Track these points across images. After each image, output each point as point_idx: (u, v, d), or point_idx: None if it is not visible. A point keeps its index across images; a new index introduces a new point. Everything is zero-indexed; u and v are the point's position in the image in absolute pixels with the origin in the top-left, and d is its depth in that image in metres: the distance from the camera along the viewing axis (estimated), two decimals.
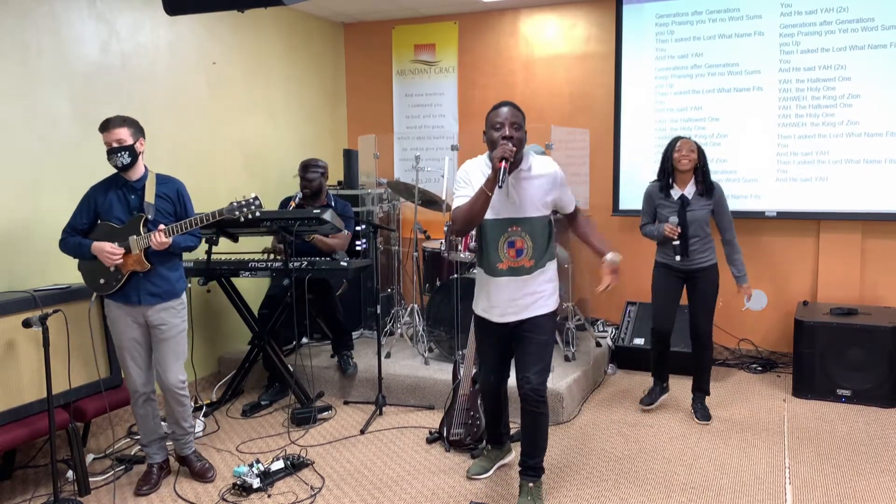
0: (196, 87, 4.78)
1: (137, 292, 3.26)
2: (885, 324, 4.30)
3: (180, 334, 3.37)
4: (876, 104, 4.75)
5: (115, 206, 3.28)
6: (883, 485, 3.30)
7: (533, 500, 3.11)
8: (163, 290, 3.30)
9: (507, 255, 3.01)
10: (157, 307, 3.29)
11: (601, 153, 5.50)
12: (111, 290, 3.27)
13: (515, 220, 2.99)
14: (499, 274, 3.03)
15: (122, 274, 3.24)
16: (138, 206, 3.29)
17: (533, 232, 3.01)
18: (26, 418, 3.24)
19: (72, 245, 3.28)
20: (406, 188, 5.09)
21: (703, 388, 4.19)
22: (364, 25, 6.29)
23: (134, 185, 3.31)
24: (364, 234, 4.86)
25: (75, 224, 3.31)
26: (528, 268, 3.02)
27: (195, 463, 3.53)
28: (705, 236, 4.01)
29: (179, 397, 3.39)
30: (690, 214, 3.96)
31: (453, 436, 3.75)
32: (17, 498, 3.33)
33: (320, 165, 4.56)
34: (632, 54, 5.35)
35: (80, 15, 3.97)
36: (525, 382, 3.02)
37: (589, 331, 5.27)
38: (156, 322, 3.30)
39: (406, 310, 5.24)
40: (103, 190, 3.32)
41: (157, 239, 3.16)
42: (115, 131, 3.17)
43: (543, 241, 3.06)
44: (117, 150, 3.19)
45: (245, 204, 3.32)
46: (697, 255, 4.01)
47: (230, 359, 4.96)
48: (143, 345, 3.35)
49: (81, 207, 3.31)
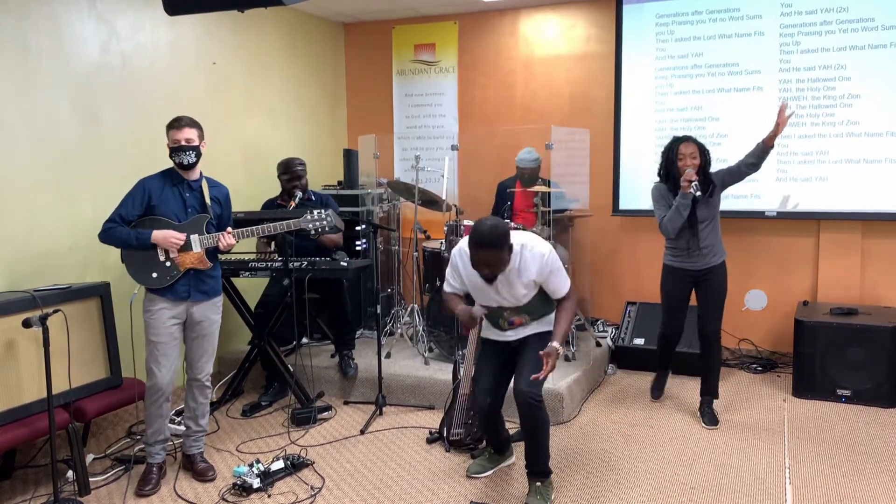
0: (196, 87, 4.78)
1: (188, 289, 3.35)
2: (885, 324, 4.30)
3: (218, 329, 3.52)
4: (876, 104, 4.75)
5: (171, 202, 3.34)
6: (883, 485, 3.30)
7: (542, 498, 3.12)
8: (210, 287, 3.43)
9: (507, 327, 3.25)
10: (204, 304, 3.41)
11: (601, 153, 5.50)
12: (164, 284, 3.30)
13: (508, 308, 3.19)
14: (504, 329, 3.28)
15: (179, 270, 3.31)
16: (197, 206, 3.39)
17: (530, 309, 3.18)
18: (26, 418, 3.24)
19: (122, 236, 3.26)
20: (406, 188, 5.08)
21: (711, 391, 4.14)
22: (364, 25, 6.29)
23: (191, 184, 3.39)
24: (364, 234, 4.86)
25: (126, 214, 3.29)
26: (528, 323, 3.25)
27: (199, 463, 3.54)
28: (715, 232, 3.97)
29: (205, 390, 3.54)
30: (700, 211, 3.91)
31: (453, 436, 3.75)
32: (17, 498, 3.33)
33: (303, 163, 4.58)
34: (632, 54, 5.35)
35: (80, 15, 3.97)
36: (519, 387, 3.07)
37: (589, 331, 5.27)
38: (199, 318, 3.41)
39: (406, 310, 5.24)
40: (159, 184, 3.36)
41: (226, 241, 3.32)
42: (186, 130, 3.28)
43: (540, 308, 3.21)
44: (186, 149, 3.28)
45: (318, 219, 3.54)
46: (708, 252, 3.96)
47: (230, 359, 4.96)
48: (178, 341, 3.41)
49: (134, 198, 3.31)
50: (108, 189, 4.01)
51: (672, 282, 4.10)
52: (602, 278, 5.65)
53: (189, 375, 3.50)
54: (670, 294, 4.13)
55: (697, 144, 3.90)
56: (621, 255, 5.65)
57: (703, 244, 3.94)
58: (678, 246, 4.01)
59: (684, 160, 3.85)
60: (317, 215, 3.56)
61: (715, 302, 4.04)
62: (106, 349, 3.65)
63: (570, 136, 5.32)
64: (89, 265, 4.04)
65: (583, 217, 5.42)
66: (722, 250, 4.03)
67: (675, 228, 3.92)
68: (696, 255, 3.97)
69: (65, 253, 3.91)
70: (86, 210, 3.99)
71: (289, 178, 4.52)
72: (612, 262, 5.66)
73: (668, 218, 3.91)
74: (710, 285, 4.02)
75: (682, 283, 4.07)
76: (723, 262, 4.03)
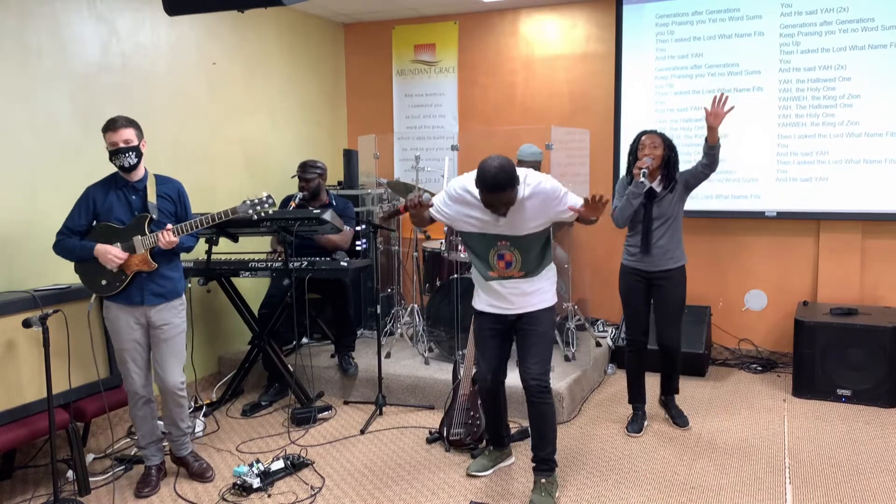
0: (196, 87, 4.78)
1: (141, 293, 3.25)
2: (885, 324, 4.30)
3: (181, 334, 3.38)
4: (876, 104, 4.75)
5: (116, 207, 3.26)
6: (883, 485, 3.30)
7: (547, 495, 3.12)
8: (166, 289, 3.30)
9: (497, 266, 3.09)
10: (160, 307, 3.29)
11: (601, 153, 5.49)
12: (114, 291, 3.24)
13: (505, 237, 3.03)
14: (489, 279, 3.14)
15: (127, 275, 3.23)
16: (140, 207, 3.28)
17: (523, 247, 3.04)
18: (26, 418, 3.24)
19: (69, 247, 3.22)
20: (406, 188, 5.08)
21: (671, 391, 4.08)
22: (364, 25, 6.29)
23: (135, 185, 3.29)
24: (364, 234, 4.87)
25: (73, 225, 3.25)
26: (518, 277, 3.09)
27: (193, 463, 3.53)
28: (674, 235, 3.79)
29: (178, 399, 3.39)
30: (657, 209, 3.75)
31: (453, 436, 3.75)
32: (17, 498, 3.33)
33: (318, 166, 4.59)
34: (632, 54, 5.35)
35: (80, 15, 3.97)
36: (527, 373, 3.08)
37: (589, 331, 5.27)
38: (158, 322, 3.30)
39: (406, 310, 5.24)
40: (102, 190, 3.28)
41: (165, 238, 3.17)
42: (122, 131, 3.16)
43: (535, 255, 3.08)
44: (125, 150, 3.17)
45: (258, 202, 3.35)
46: (664, 255, 3.78)
47: (230, 359, 4.96)
48: (143, 346, 3.34)
49: (80, 208, 3.26)
50: None
51: (626, 283, 3.93)
52: (602, 278, 5.64)
53: (158, 385, 3.39)
54: (625, 296, 3.95)
55: (662, 138, 3.76)
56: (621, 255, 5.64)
57: (657, 244, 3.77)
58: (632, 243, 3.87)
59: (643, 150, 3.72)
60: (256, 200, 3.35)
61: (670, 309, 3.85)
62: (106, 349, 3.65)
63: (570, 136, 5.31)
64: None
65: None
66: (681, 255, 3.84)
67: (624, 218, 3.78)
68: (648, 256, 3.80)
69: None
70: None
71: (300, 178, 4.56)
72: (613, 262, 5.61)
73: (620, 207, 3.79)
74: (664, 291, 3.83)
75: (637, 284, 3.88)
76: (681, 266, 3.83)
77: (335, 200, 4.66)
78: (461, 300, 4.47)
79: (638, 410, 4.06)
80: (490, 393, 3.34)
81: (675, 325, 3.91)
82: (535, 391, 3.07)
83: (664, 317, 3.90)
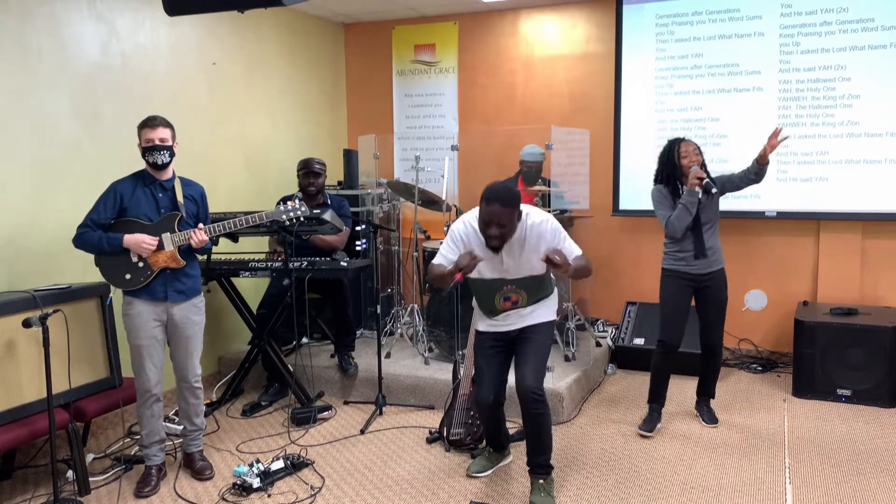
0: (196, 87, 4.78)
1: (165, 289, 3.32)
2: (885, 324, 4.30)
3: (201, 330, 3.48)
4: (876, 104, 4.75)
5: (143, 203, 3.32)
6: (883, 485, 3.30)
7: (547, 495, 3.13)
8: (188, 287, 3.39)
9: (503, 307, 3.16)
10: (182, 304, 3.37)
11: (601, 153, 5.50)
12: (138, 285, 3.28)
13: (510, 281, 3.09)
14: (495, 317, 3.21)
15: (153, 270, 3.28)
16: (169, 206, 3.35)
17: (528, 286, 3.12)
18: (26, 418, 3.24)
19: (93, 240, 3.25)
20: (406, 188, 5.08)
21: (709, 393, 4.14)
22: (364, 25, 6.29)
23: (164, 184, 3.36)
24: (364, 234, 4.87)
25: (98, 218, 3.27)
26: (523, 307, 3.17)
27: (197, 461, 3.54)
28: (717, 235, 3.89)
29: (196, 391, 3.50)
30: (703, 214, 3.82)
31: (453, 436, 3.75)
32: (17, 498, 3.33)
33: (322, 163, 4.60)
34: (632, 54, 5.35)
35: (81, 15, 3.97)
36: (523, 383, 3.06)
37: (589, 331, 5.27)
38: (180, 319, 3.37)
39: (406, 310, 5.24)
40: (130, 186, 3.34)
41: (198, 237, 3.28)
42: (159, 129, 3.26)
43: (538, 288, 3.16)
44: (160, 148, 3.25)
45: (292, 210, 3.50)
46: (712, 256, 3.85)
47: (230, 359, 4.96)
48: (161, 343, 3.39)
49: (106, 201, 3.30)
50: None
51: (673, 287, 3.90)
52: (602, 278, 5.65)
53: (177, 378, 3.48)
54: (673, 300, 3.91)
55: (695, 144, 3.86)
56: (621, 255, 5.65)
57: (709, 246, 3.84)
58: (683, 248, 3.86)
59: (688, 157, 3.77)
60: (289, 206, 3.50)
61: (719, 309, 3.95)
62: (106, 349, 3.65)
63: (570, 137, 5.31)
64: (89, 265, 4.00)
65: (583, 217, 5.42)
66: (722, 256, 3.94)
67: (682, 227, 3.77)
68: (700, 259, 3.84)
69: (65, 253, 3.90)
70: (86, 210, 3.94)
71: (305, 174, 4.57)
72: (612, 262, 5.66)
73: (676, 216, 3.76)
74: (711, 292, 3.90)
75: (684, 288, 3.89)
76: (723, 268, 3.94)
77: (330, 199, 4.66)
78: (461, 300, 4.47)
79: (654, 411, 4.04)
80: (490, 411, 3.31)
81: (721, 326, 4.01)
82: (530, 401, 3.05)
83: (713, 317, 3.98)
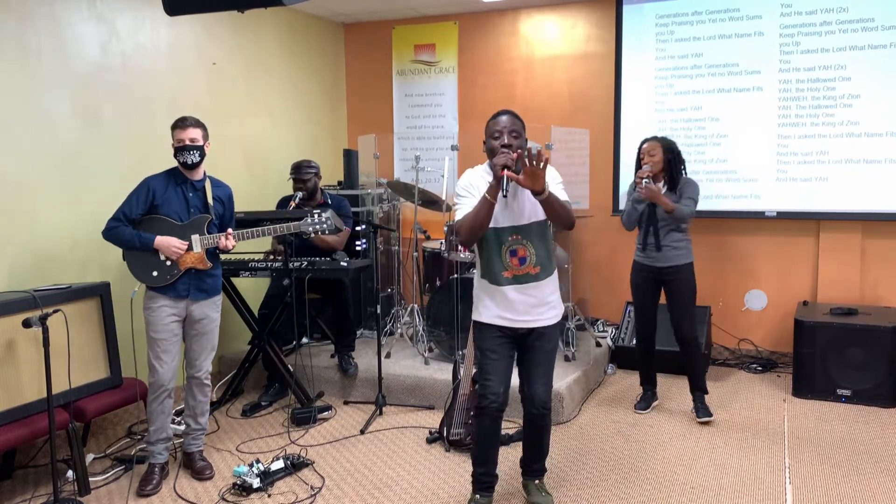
0: (196, 87, 4.78)
1: (188, 288, 3.38)
2: (885, 324, 4.30)
3: (217, 327, 3.54)
4: (876, 104, 4.75)
5: (174, 201, 3.38)
6: (883, 485, 3.30)
7: (546, 494, 3.13)
8: (209, 286, 3.46)
9: (511, 264, 2.92)
10: (203, 302, 3.43)
11: (601, 153, 5.50)
12: (164, 283, 3.34)
13: (516, 229, 2.91)
14: (504, 283, 2.93)
15: (179, 269, 3.34)
16: (199, 206, 3.42)
17: (533, 239, 2.93)
18: (26, 418, 3.24)
19: (125, 236, 3.31)
20: (406, 188, 5.08)
21: (700, 388, 4.17)
22: (364, 25, 6.29)
23: (195, 184, 3.43)
24: (364, 234, 4.87)
25: (130, 212, 3.33)
26: (535, 275, 2.93)
27: (198, 461, 3.55)
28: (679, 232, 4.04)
29: (205, 388, 3.55)
30: (659, 211, 4.00)
31: (453, 436, 3.75)
32: (17, 498, 3.33)
33: (313, 166, 4.61)
34: (632, 54, 5.35)
35: (81, 15, 3.97)
36: (534, 397, 2.96)
37: (589, 331, 5.27)
38: (198, 316, 3.43)
39: (406, 310, 5.24)
40: (162, 183, 3.40)
41: (226, 243, 3.36)
42: (190, 129, 3.33)
43: (544, 248, 2.97)
44: (190, 148, 3.32)
45: (319, 223, 3.59)
46: (671, 252, 4.03)
47: (230, 359, 4.96)
48: (179, 339, 3.44)
49: (139, 196, 3.36)
50: (108, 189, 4.01)
51: (636, 280, 4.19)
52: (602, 278, 5.65)
53: (188, 373, 3.52)
54: (636, 290, 4.20)
55: (661, 142, 4.04)
56: (621, 255, 5.64)
57: (664, 243, 4.02)
58: (641, 242, 4.12)
59: (644, 157, 4.03)
60: (317, 218, 3.60)
61: (682, 302, 4.08)
62: (106, 349, 3.65)
63: (570, 136, 5.32)
64: (89, 265, 4.04)
65: (583, 217, 5.42)
66: (688, 253, 4.09)
67: (629, 222, 4.12)
68: (657, 253, 4.04)
69: (65, 253, 3.91)
70: (86, 210, 3.98)
71: (296, 179, 4.57)
72: (612, 262, 5.66)
73: (626, 212, 4.14)
74: (675, 286, 4.07)
75: (647, 280, 4.13)
76: (689, 263, 4.08)
77: (330, 199, 4.66)
78: (461, 300, 4.48)
79: (647, 391, 4.34)
80: (495, 415, 2.99)
81: (688, 319, 4.11)
82: (539, 415, 2.98)
83: (679, 311, 4.10)
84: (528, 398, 2.99)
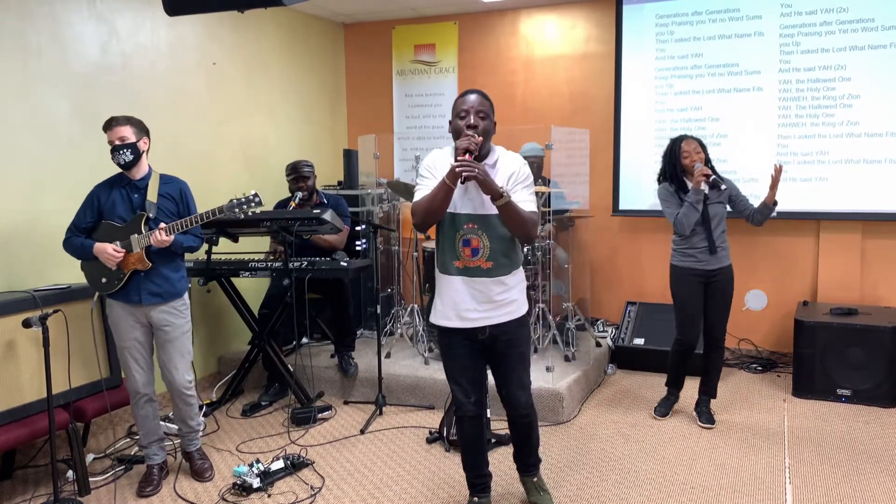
0: (196, 87, 4.78)
1: (139, 292, 3.27)
2: (885, 324, 4.30)
3: (185, 335, 3.39)
4: (876, 104, 4.75)
5: (118, 205, 3.31)
6: (883, 485, 3.30)
7: (544, 493, 3.12)
8: (164, 289, 3.30)
9: (462, 254, 2.75)
10: (160, 307, 3.30)
11: (601, 153, 5.50)
12: (113, 289, 3.28)
13: (473, 217, 2.74)
14: (453, 272, 2.78)
15: (124, 273, 3.26)
16: (141, 205, 3.31)
17: (490, 231, 2.74)
18: (26, 418, 3.24)
19: (75, 245, 3.31)
20: (406, 188, 5.07)
21: (710, 392, 4.14)
22: (364, 25, 6.29)
23: (137, 183, 3.33)
24: (364, 234, 4.87)
25: (79, 223, 3.33)
26: (485, 270, 2.74)
27: (197, 461, 3.54)
28: (725, 232, 3.95)
29: (186, 397, 3.42)
30: (712, 208, 3.88)
31: (453, 436, 3.75)
32: (17, 498, 3.33)
33: (310, 164, 4.61)
34: (632, 54, 5.35)
35: (80, 15, 3.97)
36: (514, 402, 2.92)
37: (589, 331, 5.27)
38: (159, 323, 3.31)
39: (406, 310, 5.24)
40: (107, 189, 3.34)
41: (158, 237, 3.18)
42: (117, 129, 3.22)
43: (504, 244, 2.77)
44: (120, 148, 3.23)
45: (245, 201, 3.32)
46: (721, 251, 3.90)
47: (230, 359, 4.96)
48: (144, 345, 3.35)
49: (85, 206, 3.34)
50: None
51: (685, 286, 3.95)
52: (602, 278, 5.65)
53: (166, 384, 3.42)
54: (687, 300, 3.96)
55: (698, 140, 3.91)
56: (621, 255, 5.65)
57: (718, 243, 3.89)
58: (693, 244, 3.90)
59: (689, 157, 3.85)
60: (242, 198, 3.32)
61: (725, 304, 3.99)
62: (106, 349, 3.65)
63: (570, 136, 5.32)
64: None
65: (583, 217, 5.42)
66: (729, 253, 3.99)
67: (690, 224, 3.84)
68: (711, 255, 3.88)
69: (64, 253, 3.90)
70: None
71: (294, 179, 4.57)
72: (612, 262, 5.66)
73: (683, 213, 3.82)
74: (720, 286, 3.95)
75: (696, 285, 3.94)
76: (731, 264, 3.99)
77: (326, 198, 4.66)
78: None
79: (672, 395, 4.23)
80: (475, 421, 2.93)
81: (726, 318, 4.04)
82: (522, 416, 2.95)
83: (720, 311, 4.01)
84: (509, 403, 2.94)
